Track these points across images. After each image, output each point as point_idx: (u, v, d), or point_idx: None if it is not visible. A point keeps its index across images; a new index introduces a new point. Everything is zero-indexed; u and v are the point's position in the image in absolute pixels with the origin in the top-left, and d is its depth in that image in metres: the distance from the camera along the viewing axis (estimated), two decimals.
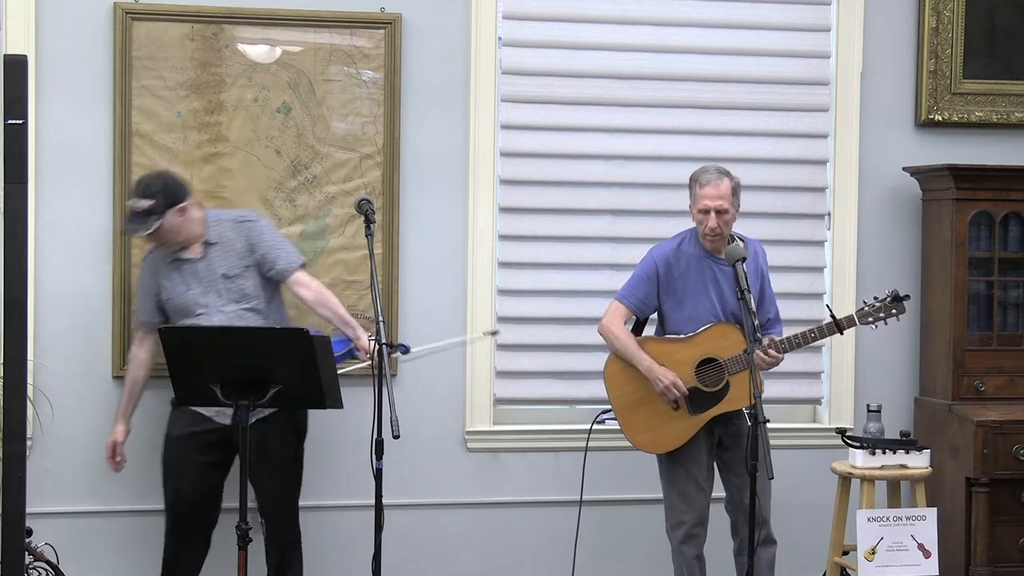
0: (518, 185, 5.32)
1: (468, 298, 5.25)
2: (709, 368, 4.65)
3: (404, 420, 4.09)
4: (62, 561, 4.46)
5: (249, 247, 4.64)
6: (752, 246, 4.75)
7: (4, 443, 3.31)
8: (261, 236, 4.66)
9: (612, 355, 4.77)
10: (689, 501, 4.71)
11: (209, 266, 4.61)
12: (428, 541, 5.23)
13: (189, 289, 4.61)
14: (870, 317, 4.71)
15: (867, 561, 4.80)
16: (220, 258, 4.62)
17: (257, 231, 4.66)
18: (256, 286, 4.64)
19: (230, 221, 4.68)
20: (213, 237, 4.63)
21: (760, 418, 4.10)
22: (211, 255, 4.62)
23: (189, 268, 4.62)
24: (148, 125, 4.97)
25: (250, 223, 4.68)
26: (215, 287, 4.59)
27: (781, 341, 4.65)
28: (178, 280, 4.63)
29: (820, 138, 5.52)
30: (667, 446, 4.70)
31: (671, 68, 5.39)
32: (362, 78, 5.11)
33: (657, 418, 4.68)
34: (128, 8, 4.93)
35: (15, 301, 3.27)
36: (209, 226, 4.65)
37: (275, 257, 4.64)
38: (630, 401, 4.72)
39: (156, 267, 4.68)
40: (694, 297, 4.68)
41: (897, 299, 4.72)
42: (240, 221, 4.68)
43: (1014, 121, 5.61)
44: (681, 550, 4.73)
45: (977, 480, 5.18)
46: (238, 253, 4.63)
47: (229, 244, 4.63)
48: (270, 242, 4.67)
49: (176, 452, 4.67)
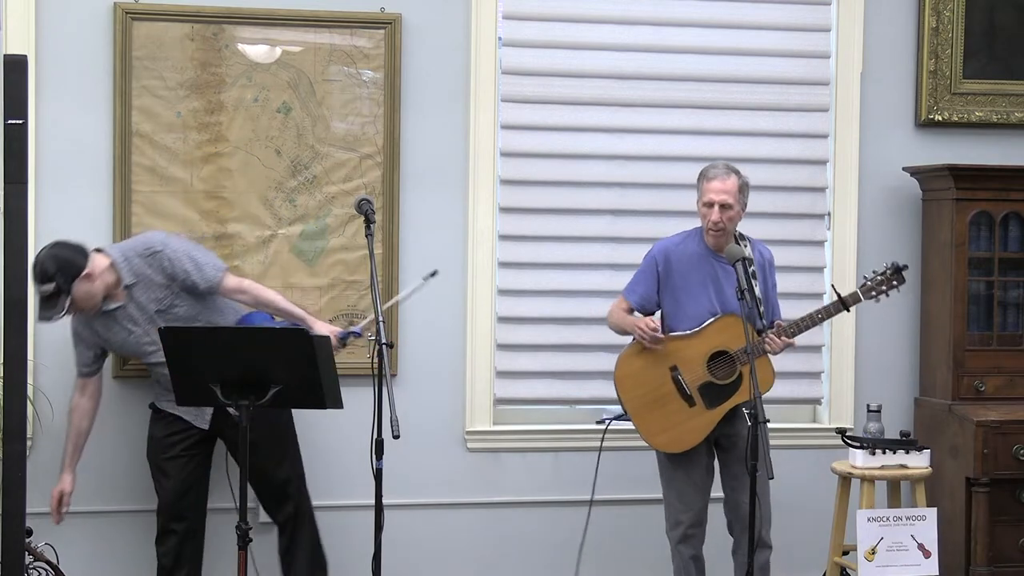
0: (518, 185, 5.32)
1: (468, 298, 5.25)
2: (721, 361, 4.63)
3: (404, 420, 4.08)
4: (62, 561, 4.46)
5: (167, 278, 4.55)
6: (758, 248, 4.75)
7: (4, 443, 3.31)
8: (173, 264, 4.54)
9: (621, 358, 4.76)
10: (686, 501, 4.71)
11: (139, 306, 4.57)
12: (428, 541, 5.23)
13: (131, 334, 4.59)
14: (873, 291, 4.71)
15: (867, 561, 4.80)
16: (145, 295, 4.56)
17: (168, 260, 4.54)
18: (191, 306, 4.60)
19: (139, 257, 4.55)
20: (130, 278, 4.54)
21: (760, 418, 4.11)
22: (136, 295, 4.56)
23: (121, 314, 4.57)
24: (148, 125, 4.97)
25: (158, 254, 4.55)
26: (154, 323, 4.54)
27: (790, 325, 4.63)
28: (117, 329, 4.59)
29: (820, 138, 5.52)
30: (687, 443, 4.67)
31: (671, 68, 5.39)
32: (362, 78, 5.11)
33: (673, 417, 4.66)
34: (128, 8, 4.93)
35: (15, 301, 3.27)
36: (121, 269, 4.53)
37: (195, 280, 4.56)
38: (644, 403, 4.69)
39: (89, 322, 4.60)
40: (694, 294, 4.67)
41: (897, 270, 4.71)
42: (149, 254, 4.55)
43: (1014, 121, 5.61)
44: (679, 550, 4.74)
45: (977, 480, 5.18)
46: (160, 286, 4.56)
47: (148, 279, 4.55)
48: (184, 266, 4.55)
49: (157, 453, 4.72)
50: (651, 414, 4.69)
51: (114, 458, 4.97)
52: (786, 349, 4.67)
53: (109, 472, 4.97)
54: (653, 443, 4.72)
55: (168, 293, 4.56)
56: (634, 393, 4.71)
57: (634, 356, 4.73)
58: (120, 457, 4.97)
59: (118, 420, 4.92)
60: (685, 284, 4.69)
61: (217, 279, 4.59)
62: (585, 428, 5.31)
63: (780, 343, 4.59)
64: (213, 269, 4.60)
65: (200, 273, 4.56)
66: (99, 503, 5.00)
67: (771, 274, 4.80)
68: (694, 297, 4.68)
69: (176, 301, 4.57)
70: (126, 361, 4.91)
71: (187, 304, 4.59)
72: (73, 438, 4.70)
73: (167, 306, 4.56)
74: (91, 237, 4.92)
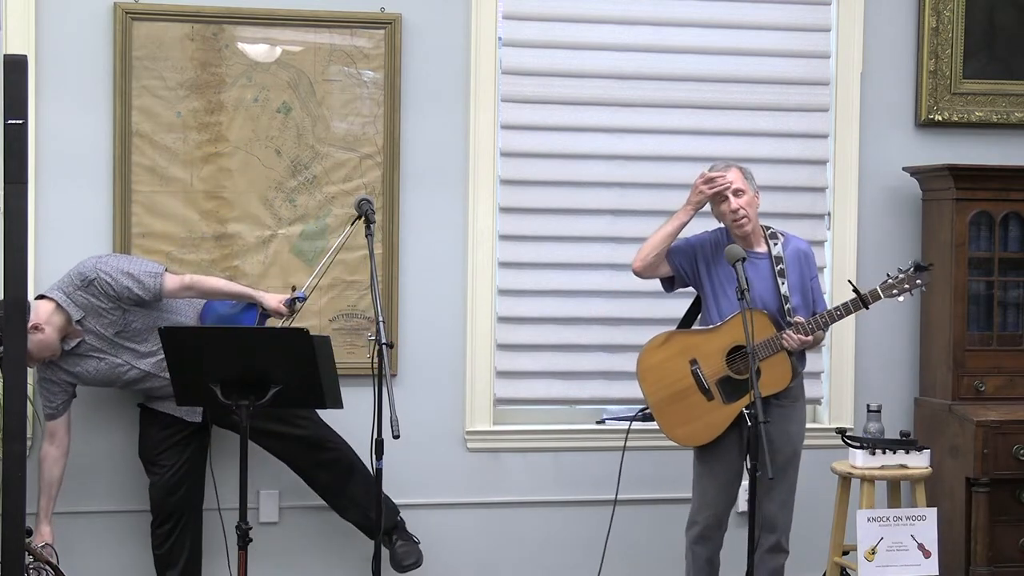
0: (518, 185, 5.32)
1: (468, 298, 5.25)
2: (739, 356, 4.61)
3: (404, 420, 4.08)
4: (62, 561, 4.46)
5: (112, 300, 4.56)
6: (793, 242, 4.72)
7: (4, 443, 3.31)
8: (112, 287, 4.54)
9: (644, 352, 4.70)
10: (707, 500, 4.67)
11: (97, 336, 4.58)
12: (428, 541, 5.22)
13: (101, 361, 4.60)
14: (894, 289, 4.63)
15: (867, 561, 4.80)
16: (98, 323, 4.57)
17: (103, 285, 4.54)
18: (145, 316, 4.62)
19: (79, 290, 4.54)
20: (78, 313, 4.54)
21: (760, 418, 4.10)
22: (90, 326, 4.57)
23: (84, 348, 4.59)
24: (148, 125, 4.97)
25: (94, 282, 4.54)
26: (116, 347, 4.59)
27: (808, 321, 4.59)
28: (86, 361, 4.61)
29: (820, 138, 5.52)
30: (704, 437, 4.64)
31: (671, 68, 5.39)
32: (362, 78, 5.11)
33: (693, 411, 4.63)
34: (128, 8, 4.93)
35: (15, 301, 3.27)
36: (67, 307, 4.53)
37: (138, 294, 4.56)
38: (666, 395, 4.66)
39: (55, 365, 4.59)
40: (725, 289, 4.63)
41: (920, 268, 4.64)
42: (86, 285, 4.54)
43: (1014, 121, 5.61)
44: (693, 550, 4.70)
45: (977, 480, 5.18)
46: (108, 310, 4.57)
47: (94, 309, 4.56)
48: (123, 283, 4.55)
49: (150, 451, 4.75)
50: (671, 407, 4.66)
51: (113, 458, 4.97)
52: (811, 347, 4.65)
53: (109, 472, 4.97)
54: (672, 436, 4.68)
55: (119, 314, 4.57)
56: (657, 386, 4.67)
57: (656, 349, 4.70)
58: (119, 457, 4.96)
59: (116, 420, 4.92)
60: (716, 279, 4.66)
61: (158, 286, 4.57)
62: (585, 428, 5.32)
63: (797, 340, 4.56)
64: (151, 277, 4.58)
65: (141, 286, 4.55)
66: (99, 503, 5.00)
67: (808, 267, 4.72)
68: (725, 292, 4.63)
69: (130, 318, 4.59)
70: None
71: (141, 316, 4.61)
72: (46, 489, 4.64)
73: (123, 326, 4.59)
74: (91, 237, 4.94)
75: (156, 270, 4.62)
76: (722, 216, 4.65)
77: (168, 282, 4.60)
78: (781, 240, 4.69)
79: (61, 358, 4.59)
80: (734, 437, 4.63)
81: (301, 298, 4.72)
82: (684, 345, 4.67)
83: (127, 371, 4.61)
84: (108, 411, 4.94)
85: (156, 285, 4.57)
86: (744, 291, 4.24)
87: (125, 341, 4.60)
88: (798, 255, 4.70)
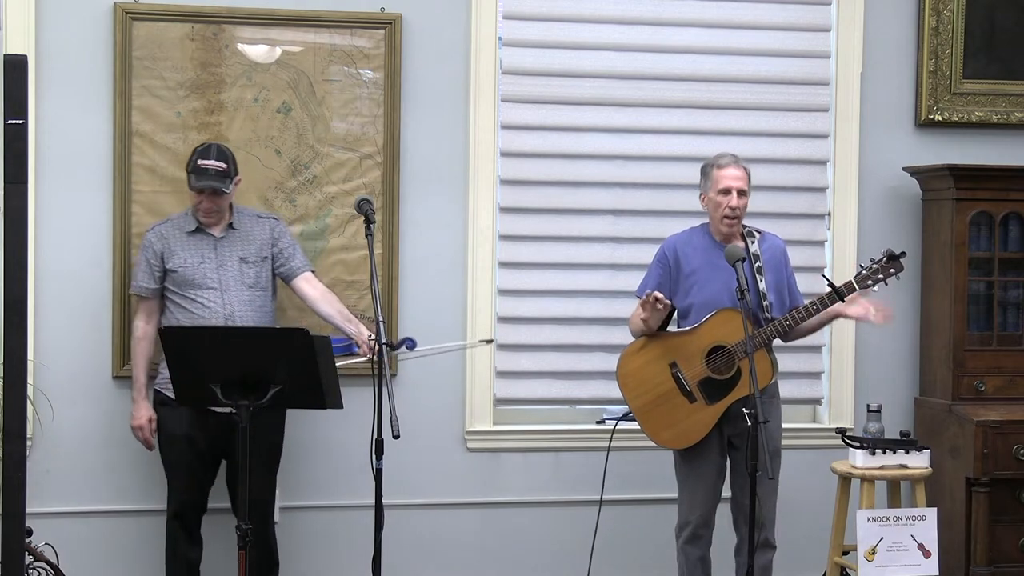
0: (518, 185, 5.32)
1: (468, 298, 5.25)
2: (718, 356, 4.62)
3: (404, 420, 4.08)
4: (62, 561, 4.46)
5: (272, 239, 4.74)
6: (769, 239, 4.74)
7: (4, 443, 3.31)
8: (283, 233, 4.79)
9: (622, 357, 4.74)
10: (696, 501, 4.69)
11: (229, 246, 4.69)
12: (428, 541, 5.23)
13: (203, 262, 4.65)
14: (869, 280, 4.63)
15: (867, 561, 4.81)
16: (240, 243, 4.71)
17: (280, 229, 4.80)
18: (267, 279, 4.73)
19: (252, 216, 4.79)
20: (236, 223, 4.72)
21: (760, 418, 4.10)
22: (232, 237, 4.71)
23: (208, 243, 4.68)
24: (148, 125, 4.97)
25: (274, 220, 4.82)
26: (231, 268, 4.66)
27: (784, 318, 4.60)
28: (193, 252, 4.67)
29: (820, 138, 5.52)
30: (690, 439, 4.65)
31: (671, 68, 5.39)
32: (362, 78, 5.11)
33: (676, 413, 4.64)
34: (128, 8, 4.93)
35: (15, 301, 3.27)
36: (236, 212, 4.74)
37: (291, 254, 4.76)
38: (648, 400, 4.67)
39: (167, 239, 4.68)
40: (709, 285, 4.64)
41: (893, 257, 4.63)
42: (264, 217, 4.81)
43: (1014, 121, 5.61)
44: (685, 550, 4.71)
45: (977, 480, 5.18)
46: (259, 242, 4.71)
47: (250, 232, 4.73)
48: (290, 240, 4.80)
49: (178, 452, 4.69)
50: (655, 411, 4.67)
51: (114, 458, 4.97)
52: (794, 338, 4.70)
53: (109, 472, 4.97)
54: (658, 440, 4.70)
55: (260, 253, 4.70)
56: (637, 391, 4.70)
57: (634, 354, 4.72)
58: (120, 457, 4.96)
59: (119, 420, 4.92)
60: (696, 276, 4.67)
61: (307, 267, 4.78)
62: (585, 428, 5.31)
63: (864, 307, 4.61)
64: (307, 260, 4.82)
65: (296, 252, 4.77)
66: (99, 503, 5.00)
67: (785, 264, 4.76)
68: (711, 287, 4.64)
69: (262, 263, 4.71)
70: (126, 361, 4.91)
71: (265, 274, 4.71)
72: (145, 366, 4.73)
73: (252, 260, 4.69)
74: (91, 237, 4.94)
75: (310, 264, 4.84)
76: (716, 206, 4.65)
77: (309, 274, 4.78)
78: (758, 238, 4.71)
79: (180, 230, 4.67)
80: (715, 435, 4.66)
81: (410, 344, 4.74)
82: (663, 348, 4.67)
83: (213, 288, 4.63)
84: (113, 411, 4.94)
85: (305, 265, 4.77)
86: (744, 291, 4.25)
87: (238, 269, 4.66)
88: (775, 253, 4.73)
